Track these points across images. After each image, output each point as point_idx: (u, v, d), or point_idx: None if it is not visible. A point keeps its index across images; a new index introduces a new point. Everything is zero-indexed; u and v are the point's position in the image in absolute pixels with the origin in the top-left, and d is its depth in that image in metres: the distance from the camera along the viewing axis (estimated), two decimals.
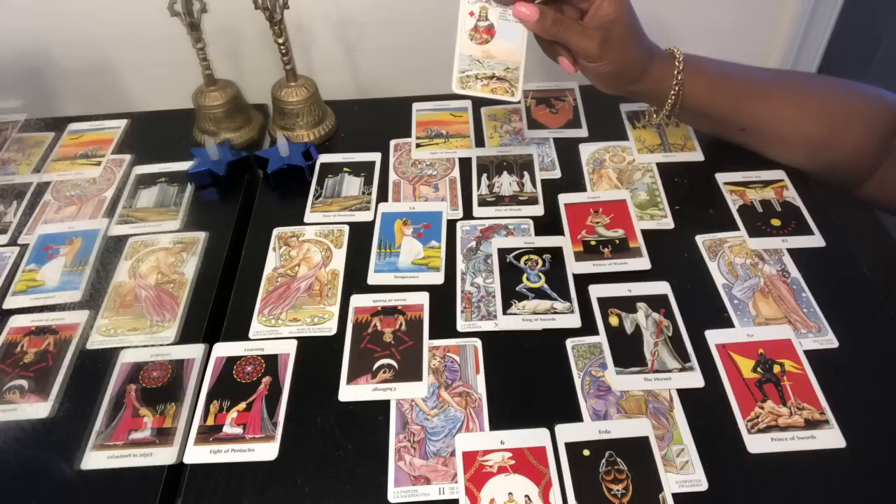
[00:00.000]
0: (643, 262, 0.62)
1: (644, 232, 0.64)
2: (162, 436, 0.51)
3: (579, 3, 0.57)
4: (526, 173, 0.71)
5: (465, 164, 0.73)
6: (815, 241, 0.63)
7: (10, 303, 0.62)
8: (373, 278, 0.62)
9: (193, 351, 0.56)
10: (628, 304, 0.58)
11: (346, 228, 0.67)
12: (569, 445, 0.49)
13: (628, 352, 0.54)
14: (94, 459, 0.50)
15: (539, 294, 0.59)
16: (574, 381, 0.53)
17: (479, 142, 0.76)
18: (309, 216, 0.68)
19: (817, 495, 0.46)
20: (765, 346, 0.54)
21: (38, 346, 0.58)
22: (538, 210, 0.68)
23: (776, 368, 0.53)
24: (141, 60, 0.85)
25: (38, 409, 0.53)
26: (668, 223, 0.65)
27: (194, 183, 0.72)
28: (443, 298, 0.60)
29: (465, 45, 0.59)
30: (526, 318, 0.57)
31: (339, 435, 0.50)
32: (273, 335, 0.57)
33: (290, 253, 0.65)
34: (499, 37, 0.59)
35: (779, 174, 0.69)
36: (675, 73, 0.62)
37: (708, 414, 0.51)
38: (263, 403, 0.53)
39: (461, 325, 0.57)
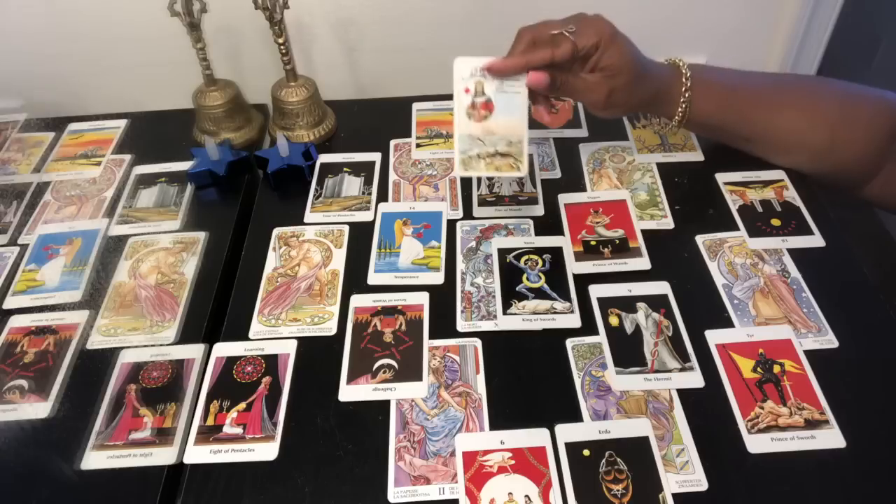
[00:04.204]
0: (643, 262, 0.62)
1: (644, 232, 0.64)
2: (162, 436, 0.51)
3: (581, 50, 0.55)
4: None
5: None
6: (815, 241, 0.63)
7: (10, 303, 0.62)
8: (373, 278, 0.62)
9: (193, 351, 0.56)
10: (628, 304, 0.58)
11: (346, 228, 0.67)
12: (569, 445, 0.49)
13: (628, 352, 0.54)
14: (94, 459, 0.50)
15: (539, 294, 0.59)
16: (574, 381, 0.53)
17: None
18: (309, 216, 0.68)
19: (817, 495, 0.46)
20: (765, 346, 0.54)
21: (38, 346, 0.57)
22: (538, 210, 0.68)
23: (776, 368, 0.53)
24: (141, 60, 0.85)
25: (38, 409, 0.53)
26: (668, 223, 0.65)
27: (194, 183, 0.72)
28: (443, 298, 0.60)
29: (464, 124, 0.57)
30: (526, 318, 0.57)
31: (339, 435, 0.50)
32: (273, 335, 0.57)
33: (290, 253, 0.65)
34: (498, 111, 0.56)
35: (779, 174, 0.69)
36: (683, 90, 0.62)
37: (708, 414, 0.51)
38: (263, 403, 0.53)
39: (461, 325, 0.57)
